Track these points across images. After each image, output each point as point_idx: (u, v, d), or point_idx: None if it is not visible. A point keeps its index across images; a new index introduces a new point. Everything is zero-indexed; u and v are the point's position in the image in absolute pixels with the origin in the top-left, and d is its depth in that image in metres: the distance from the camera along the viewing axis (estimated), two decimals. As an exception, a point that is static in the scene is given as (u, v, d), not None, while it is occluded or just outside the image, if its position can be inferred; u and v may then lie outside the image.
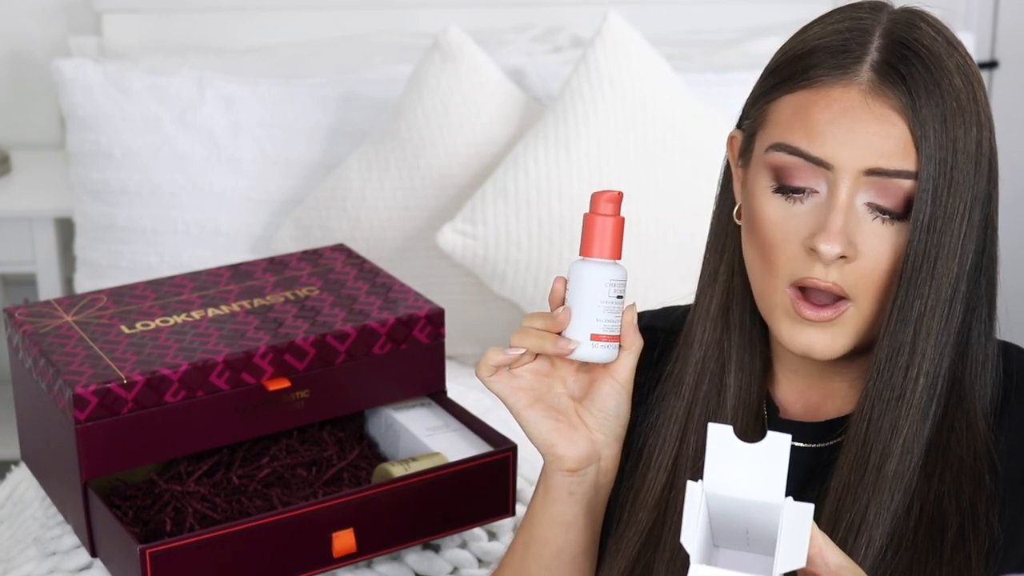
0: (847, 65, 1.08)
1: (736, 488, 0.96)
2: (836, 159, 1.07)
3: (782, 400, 1.21)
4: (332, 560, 1.50)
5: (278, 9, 2.86)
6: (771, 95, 1.13)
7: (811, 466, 1.17)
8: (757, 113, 1.14)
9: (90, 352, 1.53)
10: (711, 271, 1.21)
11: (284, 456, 1.61)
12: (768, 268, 1.12)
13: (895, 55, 1.08)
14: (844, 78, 1.08)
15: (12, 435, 1.85)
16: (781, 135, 1.10)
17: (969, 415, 1.12)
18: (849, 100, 1.07)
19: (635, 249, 2.36)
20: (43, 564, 1.58)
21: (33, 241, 2.73)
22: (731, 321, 1.19)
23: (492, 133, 2.46)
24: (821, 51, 1.10)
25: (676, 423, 1.21)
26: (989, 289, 1.14)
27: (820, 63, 1.09)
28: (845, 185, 1.07)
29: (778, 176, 1.10)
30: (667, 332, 1.26)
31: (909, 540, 1.10)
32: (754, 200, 1.13)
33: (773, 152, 1.10)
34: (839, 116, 1.07)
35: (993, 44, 3.00)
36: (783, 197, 1.10)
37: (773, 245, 1.11)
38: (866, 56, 1.09)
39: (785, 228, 1.10)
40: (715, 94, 2.52)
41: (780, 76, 1.13)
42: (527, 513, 1.25)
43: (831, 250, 1.07)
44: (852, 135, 1.07)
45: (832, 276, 1.09)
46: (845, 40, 1.10)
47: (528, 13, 2.86)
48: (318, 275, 1.72)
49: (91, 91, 2.57)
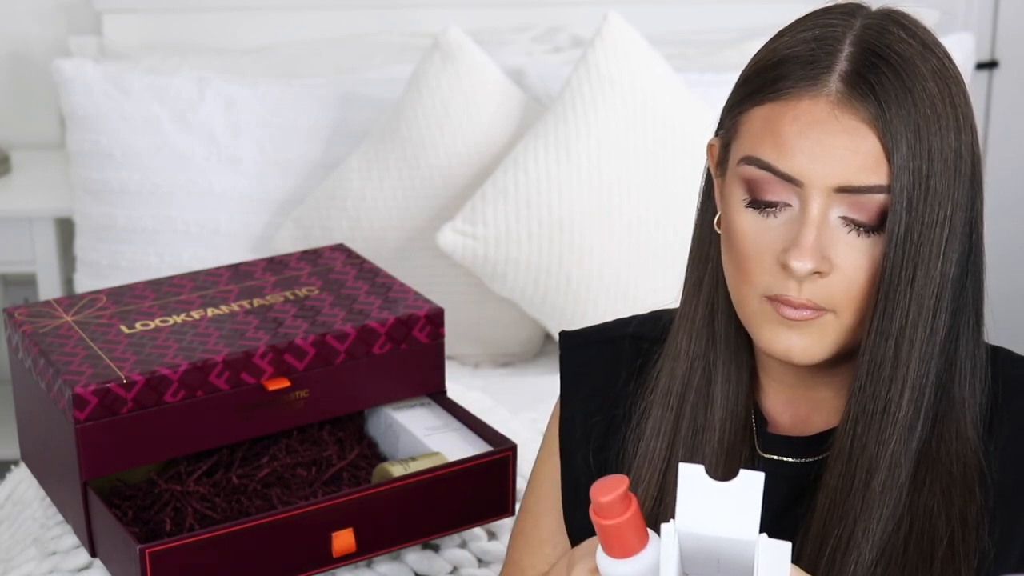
0: (815, 76, 1.06)
1: (710, 527, 0.94)
2: (806, 175, 1.05)
3: (769, 411, 1.20)
4: (332, 560, 1.50)
5: (278, 9, 2.86)
6: (742, 105, 1.11)
7: (800, 481, 1.16)
8: (731, 123, 1.13)
9: (90, 352, 1.53)
10: (695, 281, 1.19)
11: (284, 456, 1.61)
12: (743, 279, 1.10)
13: (864, 63, 1.06)
14: (812, 89, 1.06)
15: (12, 435, 1.85)
16: (752, 148, 1.08)
17: (959, 425, 1.11)
18: (817, 112, 1.05)
19: (635, 249, 2.36)
20: (43, 564, 1.58)
21: (33, 241, 2.73)
22: (716, 332, 1.17)
23: (492, 133, 2.46)
24: (790, 61, 1.08)
25: (663, 438, 1.19)
26: (976, 295, 1.11)
27: (788, 74, 1.07)
28: (816, 202, 1.05)
29: (751, 190, 1.09)
30: (652, 342, 1.25)
31: (899, 555, 1.09)
32: (729, 212, 1.11)
33: (745, 165, 1.09)
34: (807, 129, 1.05)
35: (993, 44, 3.00)
36: (756, 211, 1.08)
37: (747, 258, 1.09)
38: (835, 66, 1.06)
39: (758, 241, 1.08)
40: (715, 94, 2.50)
41: (751, 86, 1.11)
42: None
43: (803, 267, 1.05)
44: (820, 149, 1.05)
45: (806, 292, 1.07)
46: (813, 50, 1.07)
47: (528, 13, 2.86)
48: (318, 275, 1.72)
49: (91, 91, 2.57)
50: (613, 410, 1.25)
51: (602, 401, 1.26)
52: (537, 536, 1.31)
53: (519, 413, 1.99)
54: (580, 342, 1.31)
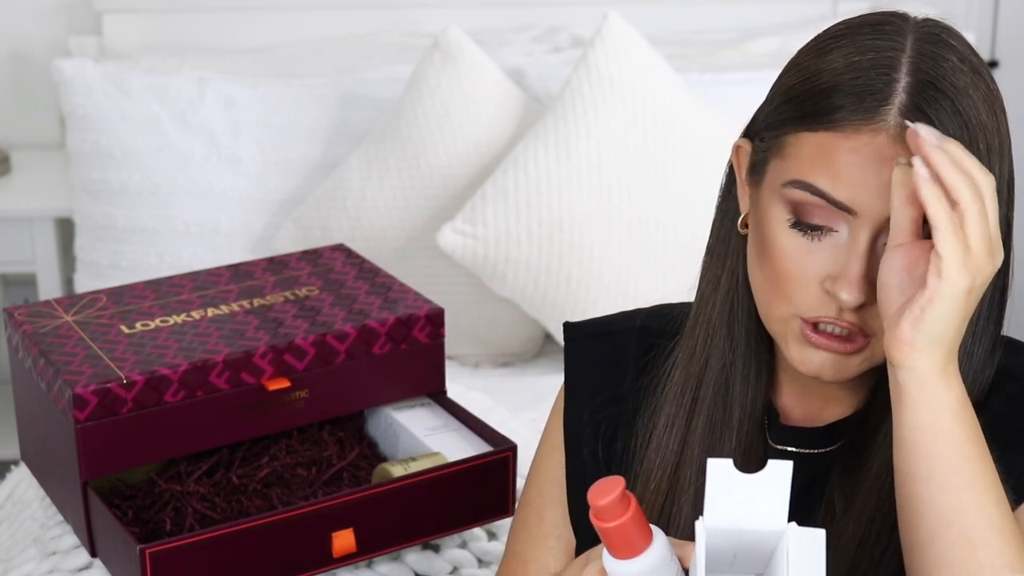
0: (873, 109, 1.04)
1: (739, 520, 0.94)
2: (860, 205, 1.04)
3: (782, 405, 1.20)
4: (332, 560, 1.50)
5: (278, 9, 2.86)
6: (789, 127, 1.08)
7: (814, 472, 1.16)
8: (772, 139, 1.10)
9: (90, 352, 1.53)
10: (713, 278, 1.18)
11: (284, 456, 1.61)
12: (779, 295, 1.09)
13: (923, 97, 1.04)
14: (871, 123, 1.04)
15: (12, 435, 1.85)
16: (803, 172, 1.07)
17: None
18: (877, 146, 1.04)
19: (635, 249, 2.36)
20: (43, 564, 1.58)
21: (33, 241, 2.73)
22: (735, 331, 1.17)
23: (492, 133, 2.46)
24: (845, 90, 1.05)
25: (676, 435, 1.19)
26: (1002, 301, 1.12)
27: (844, 105, 1.05)
28: (867, 231, 1.05)
29: (796, 211, 1.07)
30: (660, 335, 1.24)
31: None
32: (768, 227, 1.09)
33: (793, 188, 1.07)
34: (866, 163, 1.04)
35: (993, 44, 3.00)
36: (800, 233, 1.08)
37: (787, 278, 1.08)
38: (892, 98, 1.04)
39: (801, 263, 1.08)
40: (715, 94, 2.52)
41: (800, 110, 1.08)
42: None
43: (852, 299, 1.05)
44: (879, 181, 1.04)
45: (848, 317, 1.07)
46: (869, 79, 1.05)
47: (528, 13, 2.86)
48: (318, 275, 1.72)
49: (91, 91, 2.57)
50: (622, 404, 1.24)
51: (610, 395, 1.26)
52: (541, 529, 1.30)
53: (519, 413, 1.99)
54: (586, 334, 1.30)
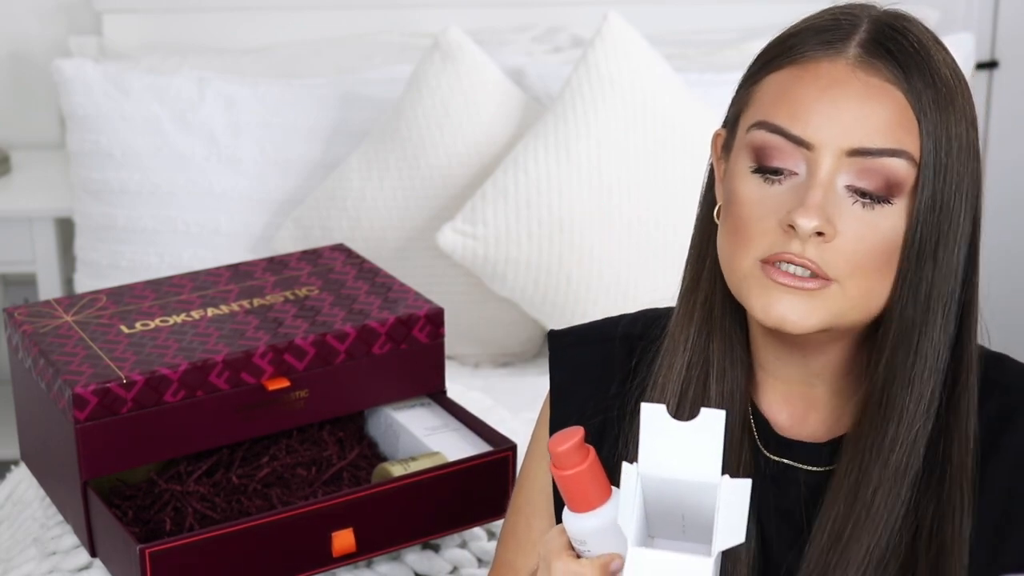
0: (834, 41, 1.07)
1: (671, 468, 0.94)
2: (818, 139, 1.05)
3: (766, 410, 1.19)
4: (332, 560, 1.50)
5: (278, 9, 2.86)
6: (756, 76, 1.12)
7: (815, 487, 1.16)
8: (741, 97, 1.13)
9: (90, 352, 1.53)
10: (693, 277, 1.19)
11: (284, 456, 1.61)
12: (740, 243, 1.09)
13: (884, 35, 1.07)
14: (831, 51, 1.07)
15: (12, 435, 1.85)
16: (764, 113, 1.08)
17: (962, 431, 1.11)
18: (836, 73, 1.06)
19: (635, 249, 2.36)
20: (43, 564, 1.58)
21: (33, 241, 2.73)
22: (713, 328, 1.17)
23: (492, 133, 2.46)
24: (808, 31, 1.09)
25: None
26: (969, 315, 1.11)
27: (807, 40, 1.08)
28: (826, 164, 1.05)
29: (758, 156, 1.08)
30: (644, 340, 1.24)
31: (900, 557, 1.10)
32: (732, 182, 1.10)
33: (755, 131, 1.08)
34: (825, 90, 1.05)
35: (993, 44, 3.00)
36: (761, 178, 1.08)
37: (747, 222, 1.08)
38: (854, 34, 1.07)
39: (761, 207, 1.07)
40: (715, 94, 2.51)
41: (766, 57, 1.12)
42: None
43: (808, 224, 1.04)
44: (836, 110, 1.05)
45: (809, 253, 1.05)
46: (834, 19, 1.09)
47: (528, 13, 2.86)
48: (318, 275, 1.72)
49: (91, 91, 2.57)
50: (608, 411, 1.24)
51: (597, 402, 1.25)
52: (530, 537, 1.30)
53: (519, 413, 1.99)
54: (571, 341, 1.30)
